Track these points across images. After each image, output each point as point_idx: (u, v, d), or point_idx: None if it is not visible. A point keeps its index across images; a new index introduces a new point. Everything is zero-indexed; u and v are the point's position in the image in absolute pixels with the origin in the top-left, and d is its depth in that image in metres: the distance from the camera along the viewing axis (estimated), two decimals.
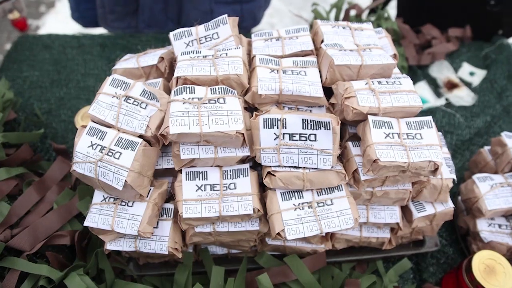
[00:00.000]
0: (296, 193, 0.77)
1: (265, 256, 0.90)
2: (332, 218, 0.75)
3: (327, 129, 0.72)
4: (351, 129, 0.85)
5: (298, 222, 0.74)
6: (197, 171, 0.79)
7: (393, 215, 0.86)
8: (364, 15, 1.55)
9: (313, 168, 0.75)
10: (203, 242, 0.85)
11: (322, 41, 0.87)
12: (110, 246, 0.81)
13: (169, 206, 0.82)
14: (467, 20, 1.54)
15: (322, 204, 0.76)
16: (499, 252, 0.95)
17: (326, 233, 0.89)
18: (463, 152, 1.24)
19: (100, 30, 1.62)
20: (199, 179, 0.78)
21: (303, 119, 0.72)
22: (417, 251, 0.98)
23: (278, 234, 0.74)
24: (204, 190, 0.77)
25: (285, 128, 0.73)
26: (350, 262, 0.97)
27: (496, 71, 1.41)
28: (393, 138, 0.75)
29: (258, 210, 0.76)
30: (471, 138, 1.26)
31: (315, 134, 0.73)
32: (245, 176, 0.78)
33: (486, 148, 1.10)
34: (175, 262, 0.93)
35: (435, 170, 0.75)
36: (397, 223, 0.87)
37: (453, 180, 0.86)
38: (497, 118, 1.32)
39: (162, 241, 0.79)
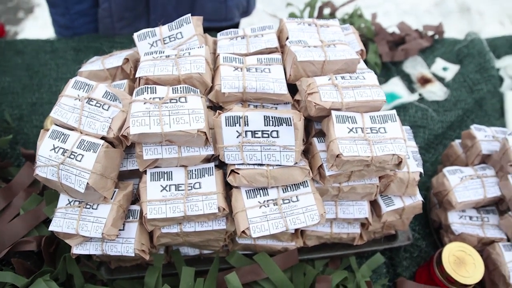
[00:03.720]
0: (261, 191, 0.77)
1: (236, 256, 0.89)
2: (298, 215, 0.74)
3: (289, 125, 0.71)
4: (317, 125, 0.85)
5: (263, 220, 0.74)
6: (162, 172, 0.79)
7: (361, 210, 0.86)
8: (338, 13, 1.55)
9: (276, 165, 0.75)
10: (171, 243, 0.85)
11: (287, 38, 0.87)
12: (76, 250, 0.80)
13: (136, 207, 0.82)
14: None
15: (287, 201, 0.76)
16: (470, 244, 0.96)
17: (296, 230, 0.89)
18: (436, 146, 1.25)
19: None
20: (164, 180, 0.78)
21: (264, 116, 0.72)
22: (390, 246, 0.98)
23: (243, 232, 0.74)
24: (169, 191, 0.77)
25: (247, 125, 0.73)
26: (323, 259, 0.97)
27: (469, 65, 1.42)
28: (356, 132, 0.75)
29: (224, 209, 0.76)
30: (444, 132, 1.27)
31: (277, 131, 0.72)
32: (210, 175, 0.78)
33: (457, 141, 1.11)
34: (147, 265, 0.93)
35: (399, 164, 0.75)
36: (366, 218, 0.87)
37: (420, 173, 0.86)
38: (470, 111, 1.33)
39: (128, 243, 0.78)
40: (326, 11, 1.54)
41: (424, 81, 1.39)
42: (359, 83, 0.78)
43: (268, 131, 0.73)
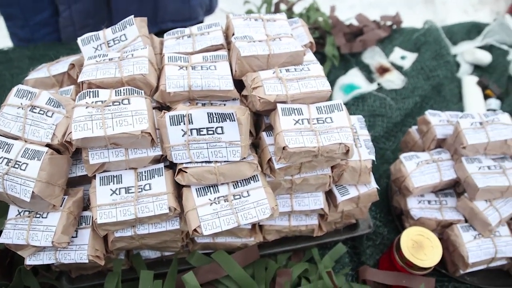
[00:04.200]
0: (211, 188, 0.77)
1: (196, 255, 0.89)
2: (249, 210, 0.74)
3: (232, 121, 0.71)
4: (267, 119, 0.85)
5: (214, 217, 0.73)
6: (111, 175, 0.78)
7: (317, 201, 0.86)
8: (296, 8, 1.56)
9: (224, 161, 0.75)
10: (128, 247, 0.84)
11: (234, 34, 0.87)
12: (30, 261, 0.78)
13: (88, 213, 0.80)
14: None
15: (238, 197, 0.76)
16: (429, 227, 0.97)
17: (254, 226, 0.89)
18: (396, 133, 1.26)
19: None
20: (114, 183, 0.77)
21: (208, 113, 0.72)
22: (351, 235, 0.99)
23: (195, 230, 0.73)
24: (119, 194, 0.76)
25: (192, 123, 0.72)
26: (286, 252, 0.97)
27: (425, 53, 1.44)
28: (302, 124, 0.75)
29: (175, 209, 0.75)
30: (403, 119, 1.28)
31: (221, 127, 0.72)
32: (160, 175, 0.77)
33: (414, 127, 1.12)
34: (108, 271, 0.91)
35: (347, 152, 0.75)
36: (322, 209, 0.87)
37: (372, 161, 0.86)
38: (428, 98, 1.35)
39: (81, 250, 0.77)
40: (284, 6, 1.54)
41: (383, 70, 1.40)
42: (303, 74, 0.79)
43: (212, 128, 0.72)
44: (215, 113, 0.71)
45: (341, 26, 1.47)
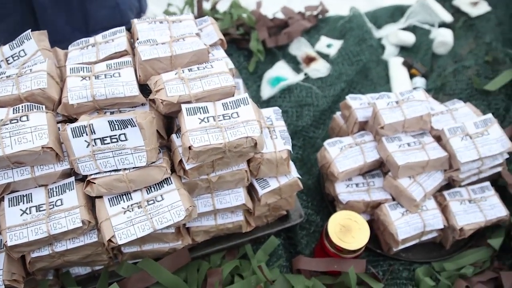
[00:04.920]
0: (124, 196, 0.76)
1: (125, 266, 0.87)
2: (164, 214, 0.74)
3: (134, 126, 0.71)
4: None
5: (128, 225, 0.73)
6: (20, 195, 0.76)
7: (238, 197, 0.86)
8: (220, 6, 1.56)
9: (132, 168, 0.74)
10: (50, 266, 0.82)
11: (138, 39, 0.86)
12: None
13: (1, 237, 0.78)
14: None
15: (152, 202, 0.75)
16: (358, 210, 0.99)
17: (179, 229, 0.88)
18: (325, 121, 1.28)
19: None
20: (23, 203, 0.75)
21: (109, 121, 0.71)
22: (282, 227, 1.00)
23: (110, 240, 0.72)
24: (30, 213, 0.74)
25: (94, 133, 0.71)
26: (220, 252, 0.97)
27: (350, 39, 1.46)
28: (208, 122, 0.75)
29: (89, 222, 0.74)
30: (330, 106, 1.30)
31: (124, 134, 0.71)
32: (71, 189, 0.76)
33: (338, 113, 1.14)
34: None
35: (255, 145, 0.76)
36: (245, 204, 0.87)
37: (289, 151, 0.87)
38: (355, 83, 1.37)
39: None
40: (207, 6, 1.54)
41: (309, 60, 1.42)
42: (206, 72, 0.79)
43: (115, 135, 0.72)
44: (115, 121, 0.71)
45: (264, 21, 1.48)
